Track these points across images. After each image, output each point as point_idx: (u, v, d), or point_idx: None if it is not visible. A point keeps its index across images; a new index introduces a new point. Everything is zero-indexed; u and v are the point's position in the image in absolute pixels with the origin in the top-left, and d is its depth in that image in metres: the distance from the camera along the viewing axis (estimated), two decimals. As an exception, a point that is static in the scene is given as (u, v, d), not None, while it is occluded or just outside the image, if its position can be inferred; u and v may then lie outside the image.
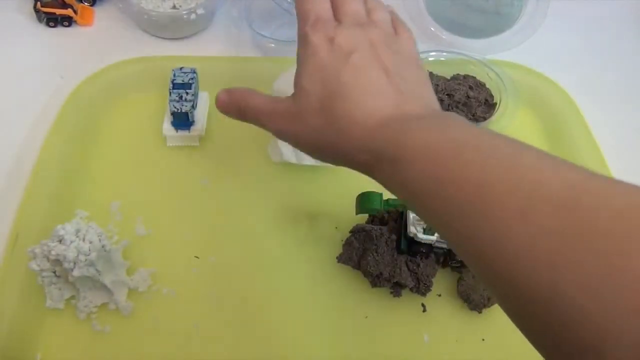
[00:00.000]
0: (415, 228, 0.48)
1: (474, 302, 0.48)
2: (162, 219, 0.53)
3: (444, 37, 0.67)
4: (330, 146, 0.35)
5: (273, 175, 0.57)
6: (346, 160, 0.35)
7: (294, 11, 0.60)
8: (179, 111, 0.56)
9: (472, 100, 0.59)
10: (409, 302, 0.49)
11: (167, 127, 0.58)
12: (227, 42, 0.69)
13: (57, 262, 0.47)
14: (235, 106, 0.40)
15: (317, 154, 0.37)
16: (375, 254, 0.48)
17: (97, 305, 0.48)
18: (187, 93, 0.57)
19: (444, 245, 0.48)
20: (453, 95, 0.59)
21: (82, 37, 0.66)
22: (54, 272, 0.47)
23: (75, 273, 0.45)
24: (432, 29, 0.68)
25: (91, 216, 0.53)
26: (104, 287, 0.47)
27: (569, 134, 0.60)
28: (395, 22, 0.40)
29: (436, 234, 0.48)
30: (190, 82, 0.58)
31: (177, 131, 0.58)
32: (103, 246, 0.48)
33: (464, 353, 0.47)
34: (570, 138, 0.59)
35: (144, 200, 0.55)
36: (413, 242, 0.49)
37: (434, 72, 0.61)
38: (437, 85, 0.60)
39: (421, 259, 0.49)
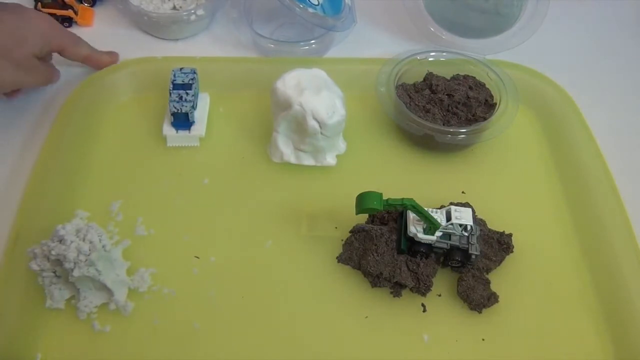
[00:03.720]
0: (415, 228, 0.48)
1: (474, 302, 0.48)
2: (162, 219, 0.53)
3: (444, 37, 0.68)
4: None
5: (273, 175, 0.57)
6: None
7: (296, 9, 0.61)
8: (179, 111, 0.56)
9: (472, 100, 0.59)
10: (409, 302, 0.49)
11: (167, 128, 0.58)
12: (227, 43, 0.69)
13: (57, 262, 0.47)
14: None
15: None
16: (375, 254, 0.48)
17: (97, 305, 0.48)
18: (187, 93, 0.57)
19: (444, 245, 0.48)
20: (453, 95, 0.59)
21: (82, 38, 0.66)
22: (54, 272, 0.47)
23: (76, 273, 0.45)
24: (432, 29, 0.68)
25: (91, 216, 0.53)
26: (104, 287, 0.47)
27: (569, 134, 0.60)
28: None
29: (436, 234, 0.48)
30: (190, 82, 0.58)
31: (177, 131, 0.58)
32: (103, 246, 0.48)
33: (464, 353, 0.47)
34: (570, 138, 0.59)
35: (144, 200, 0.55)
36: (413, 242, 0.49)
37: (434, 72, 0.61)
38: (437, 85, 0.60)
39: (421, 259, 0.49)
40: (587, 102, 0.61)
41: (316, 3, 0.63)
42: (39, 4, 0.68)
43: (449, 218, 0.48)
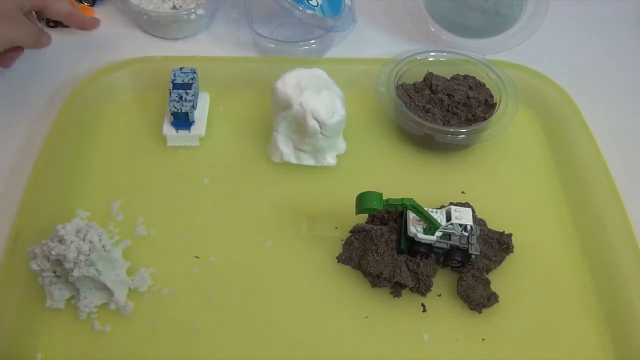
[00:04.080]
0: (415, 228, 0.48)
1: (474, 302, 0.48)
2: (162, 219, 0.53)
3: (444, 37, 0.68)
4: None
5: (273, 175, 0.57)
6: None
7: (295, 11, 0.61)
8: (179, 111, 0.56)
9: (472, 100, 0.59)
10: (409, 302, 0.49)
11: (167, 127, 0.58)
12: (227, 43, 0.69)
13: (57, 262, 0.47)
14: None
15: None
16: (375, 254, 0.48)
17: (97, 305, 0.48)
18: (187, 93, 0.57)
19: (444, 245, 0.48)
20: (453, 95, 0.59)
21: (82, 37, 0.66)
22: (54, 272, 0.47)
23: (76, 273, 0.45)
24: (432, 29, 0.68)
25: (91, 216, 0.53)
26: (104, 287, 0.47)
27: (568, 134, 0.60)
28: None
29: (436, 234, 0.48)
30: (190, 82, 0.58)
31: (177, 131, 0.58)
32: (103, 246, 0.48)
33: (464, 353, 0.47)
34: (570, 138, 0.59)
35: (144, 200, 0.55)
36: (413, 242, 0.49)
37: (434, 72, 0.61)
38: (437, 85, 0.60)
39: (421, 259, 0.49)
40: (587, 102, 0.61)
41: (315, 4, 0.63)
42: (39, 3, 0.68)
43: (449, 218, 0.48)
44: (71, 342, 0.46)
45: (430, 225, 0.47)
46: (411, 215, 0.49)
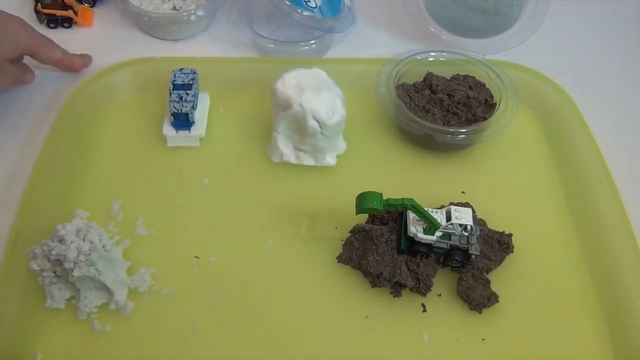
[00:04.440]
0: (415, 228, 0.48)
1: (474, 302, 0.48)
2: (162, 219, 0.53)
3: (444, 37, 0.68)
4: None
5: (273, 175, 0.57)
6: None
7: (294, 14, 0.61)
8: (179, 112, 0.57)
9: (472, 100, 0.59)
10: (409, 302, 0.49)
11: (167, 128, 0.58)
12: (227, 43, 0.69)
13: (58, 262, 0.47)
14: None
15: None
16: (375, 254, 0.48)
17: (97, 305, 0.48)
18: (187, 94, 0.57)
19: (444, 245, 0.48)
20: (453, 95, 0.59)
21: (82, 38, 0.66)
22: (54, 272, 0.48)
23: (76, 273, 0.45)
24: (432, 29, 0.68)
25: (91, 216, 0.53)
26: (104, 287, 0.47)
27: (568, 134, 0.60)
28: None
29: (436, 234, 0.48)
30: (190, 82, 0.58)
31: (177, 131, 0.58)
32: (103, 246, 0.48)
33: (464, 353, 0.47)
34: (570, 138, 0.59)
35: (144, 200, 0.55)
36: (413, 242, 0.49)
37: (434, 72, 0.61)
38: (437, 85, 0.60)
39: (421, 259, 0.49)
40: (587, 102, 0.61)
41: (314, 5, 0.63)
42: (39, 4, 0.68)
43: (449, 218, 0.48)
44: (71, 342, 0.46)
45: (430, 225, 0.47)
46: (411, 215, 0.49)
